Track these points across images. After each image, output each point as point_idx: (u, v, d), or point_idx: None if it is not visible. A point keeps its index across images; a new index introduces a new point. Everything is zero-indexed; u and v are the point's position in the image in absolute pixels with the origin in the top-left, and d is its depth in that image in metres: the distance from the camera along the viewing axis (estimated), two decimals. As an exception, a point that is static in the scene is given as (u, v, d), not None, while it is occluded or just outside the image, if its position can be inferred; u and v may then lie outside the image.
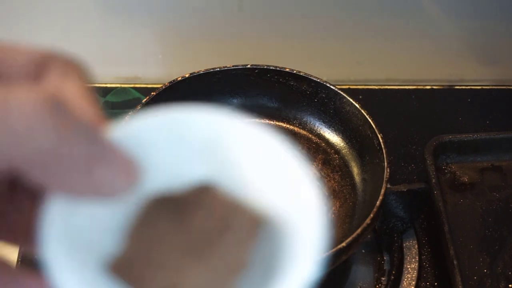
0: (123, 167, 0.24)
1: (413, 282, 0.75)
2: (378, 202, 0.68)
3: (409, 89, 0.99)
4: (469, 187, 0.84)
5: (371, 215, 0.67)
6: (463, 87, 0.99)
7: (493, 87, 0.99)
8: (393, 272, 0.74)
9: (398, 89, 0.98)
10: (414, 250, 0.77)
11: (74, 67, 0.25)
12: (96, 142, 0.24)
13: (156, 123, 0.27)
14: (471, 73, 1.00)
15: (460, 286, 0.70)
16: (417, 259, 0.76)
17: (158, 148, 0.28)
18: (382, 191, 0.69)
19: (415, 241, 0.78)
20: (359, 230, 0.66)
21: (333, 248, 0.65)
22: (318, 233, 0.27)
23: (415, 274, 0.75)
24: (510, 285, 0.74)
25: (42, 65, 0.25)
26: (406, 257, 0.76)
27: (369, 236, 0.76)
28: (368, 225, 0.67)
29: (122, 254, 0.27)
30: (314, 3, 0.93)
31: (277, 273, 0.27)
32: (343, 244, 0.65)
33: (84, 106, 0.24)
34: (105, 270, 0.27)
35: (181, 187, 0.28)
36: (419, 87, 0.99)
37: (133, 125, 0.27)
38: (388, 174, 0.71)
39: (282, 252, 0.28)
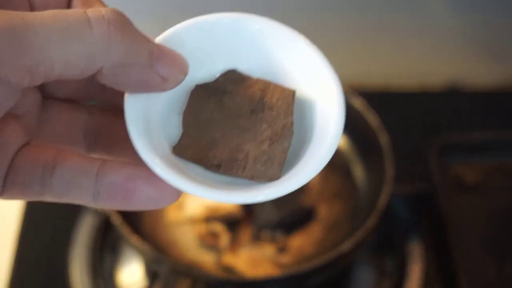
0: (176, 61, 0.30)
1: (417, 286, 0.74)
2: (381, 204, 0.67)
3: (411, 89, 0.98)
4: (473, 188, 0.83)
5: (374, 218, 0.66)
6: (466, 86, 0.98)
7: (497, 86, 0.98)
8: (396, 276, 0.74)
9: (401, 89, 0.98)
10: (418, 253, 0.76)
11: None
12: (155, 45, 0.29)
13: (194, 26, 0.33)
14: (474, 73, 1.00)
15: (465, 290, 0.69)
16: (421, 262, 0.75)
17: (197, 46, 0.32)
18: (385, 192, 0.68)
19: (419, 244, 0.77)
20: (362, 234, 0.65)
21: (335, 251, 0.64)
22: (339, 102, 0.31)
23: (419, 277, 0.74)
24: (517, 289, 0.73)
25: None
26: (409, 260, 0.75)
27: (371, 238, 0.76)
28: (371, 228, 0.66)
29: (182, 138, 0.31)
30: (314, 3, 0.93)
31: (314, 135, 0.31)
32: (345, 248, 0.64)
33: None
34: (172, 152, 0.30)
35: (215, 76, 0.33)
36: (422, 86, 0.98)
37: (176, 30, 0.32)
38: (391, 175, 0.70)
39: (313, 118, 0.32)
